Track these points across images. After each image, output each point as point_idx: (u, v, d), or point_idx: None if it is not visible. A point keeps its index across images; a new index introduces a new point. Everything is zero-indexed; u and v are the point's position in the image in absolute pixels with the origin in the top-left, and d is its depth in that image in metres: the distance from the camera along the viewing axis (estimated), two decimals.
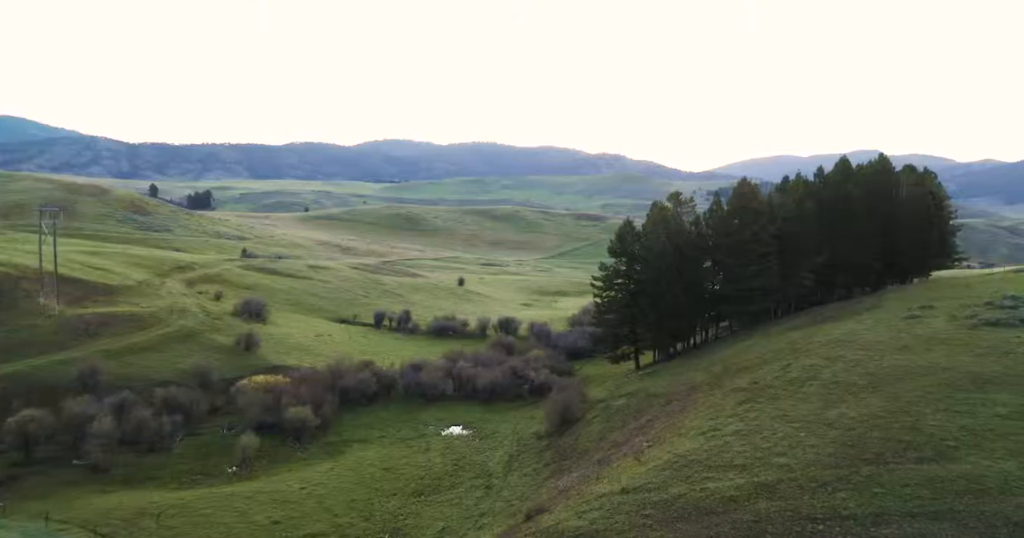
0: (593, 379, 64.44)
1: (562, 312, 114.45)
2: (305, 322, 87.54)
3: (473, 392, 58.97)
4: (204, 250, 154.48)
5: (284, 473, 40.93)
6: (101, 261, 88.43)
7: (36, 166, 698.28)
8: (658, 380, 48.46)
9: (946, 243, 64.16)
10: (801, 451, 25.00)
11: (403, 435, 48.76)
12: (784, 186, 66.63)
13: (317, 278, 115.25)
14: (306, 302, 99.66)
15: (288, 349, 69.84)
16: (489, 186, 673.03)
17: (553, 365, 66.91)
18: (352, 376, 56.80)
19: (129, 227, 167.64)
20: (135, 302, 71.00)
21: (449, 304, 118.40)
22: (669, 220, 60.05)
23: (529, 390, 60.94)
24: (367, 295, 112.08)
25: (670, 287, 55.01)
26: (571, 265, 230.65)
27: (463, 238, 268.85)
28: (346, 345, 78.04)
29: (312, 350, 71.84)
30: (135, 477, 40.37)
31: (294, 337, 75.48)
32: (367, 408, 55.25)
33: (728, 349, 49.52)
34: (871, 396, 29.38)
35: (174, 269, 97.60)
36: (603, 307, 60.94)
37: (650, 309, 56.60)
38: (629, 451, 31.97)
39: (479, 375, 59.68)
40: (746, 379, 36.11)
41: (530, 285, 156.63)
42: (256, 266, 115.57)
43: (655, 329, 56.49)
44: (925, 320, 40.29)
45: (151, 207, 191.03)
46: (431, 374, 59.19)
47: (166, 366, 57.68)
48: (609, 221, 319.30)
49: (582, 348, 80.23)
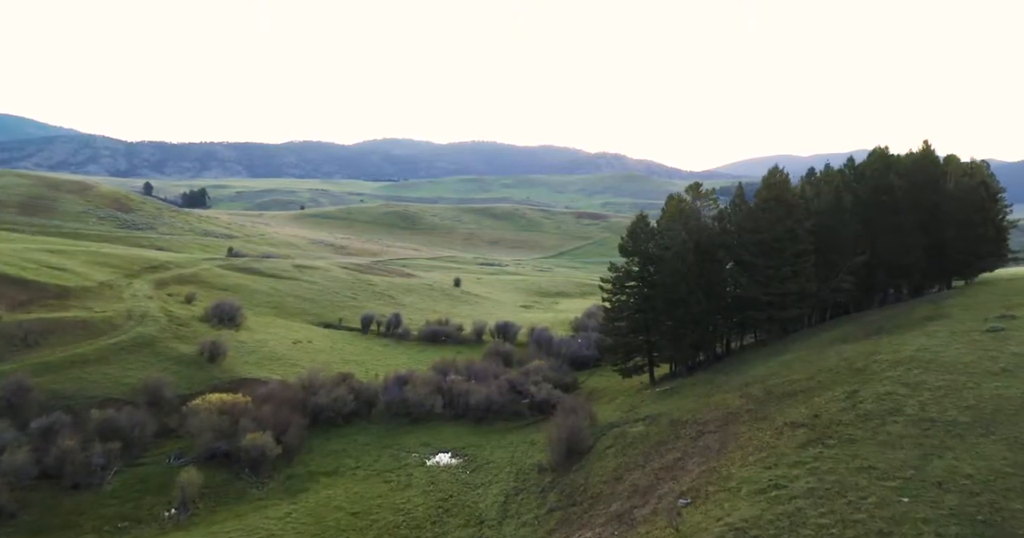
0: (602, 394, 57.15)
1: (564, 315, 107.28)
2: (285, 327, 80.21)
3: (465, 410, 51.65)
4: (188, 249, 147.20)
5: (230, 520, 33.48)
6: (62, 260, 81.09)
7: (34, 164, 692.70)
8: (682, 401, 41.18)
9: (1003, 240, 56.86)
10: (912, 529, 17.73)
11: (381, 465, 41.37)
12: (812, 178, 59.34)
13: (303, 278, 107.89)
14: (288, 305, 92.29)
15: (260, 359, 62.45)
16: (489, 185, 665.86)
17: (556, 377, 59.62)
18: (326, 392, 49.46)
19: (110, 225, 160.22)
20: (89, 306, 63.65)
21: (444, 306, 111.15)
22: (688, 215, 52.78)
23: (529, 407, 53.69)
24: (356, 297, 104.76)
25: (690, 290, 47.71)
26: (572, 265, 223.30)
27: (461, 237, 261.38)
28: (327, 353, 70.75)
29: (288, 359, 64.48)
30: (48, 525, 32.99)
31: (269, 344, 68.10)
32: (342, 431, 47.87)
33: (762, 365, 42.24)
34: (985, 441, 22.10)
35: (145, 269, 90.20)
36: (612, 313, 53.65)
37: (667, 315, 49.32)
38: (659, 507, 24.66)
39: (472, 390, 52.35)
40: (801, 410, 28.79)
41: (530, 286, 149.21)
42: (238, 266, 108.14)
43: (672, 338, 49.19)
44: (1013, 333, 33.03)
45: (136, 204, 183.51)
46: (418, 389, 51.85)
47: (113, 381, 50.33)
48: (611, 219, 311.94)
49: (587, 357, 73.00)
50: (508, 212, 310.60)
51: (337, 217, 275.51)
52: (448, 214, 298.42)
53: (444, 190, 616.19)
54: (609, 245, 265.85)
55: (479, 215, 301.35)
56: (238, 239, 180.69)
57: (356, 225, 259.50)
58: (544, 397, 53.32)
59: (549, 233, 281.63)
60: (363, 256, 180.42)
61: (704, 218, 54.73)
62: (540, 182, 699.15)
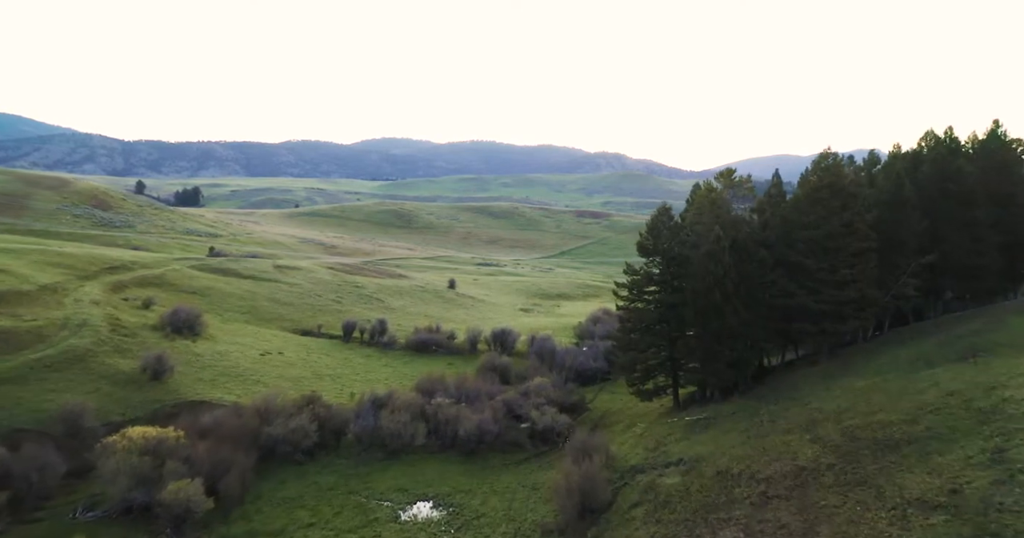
0: (615, 418, 48.43)
1: (566, 319, 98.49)
2: (255, 335, 71.46)
3: (453, 440, 42.92)
4: (166, 248, 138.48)
5: None
6: (7, 261, 72.21)
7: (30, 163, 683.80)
8: (723, 438, 32.43)
9: None
10: None
11: (342, 522, 32.57)
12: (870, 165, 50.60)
13: (283, 280, 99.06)
14: (263, 309, 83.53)
15: (217, 375, 53.70)
16: (488, 184, 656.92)
17: (560, 397, 50.98)
18: (284, 421, 40.68)
19: (85, 222, 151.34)
20: (19, 313, 54.86)
21: (436, 310, 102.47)
22: (720, 207, 44.04)
23: (530, 435, 45.03)
24: (340, 300, 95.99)
25: (726, 297, 38.96)
26: (573, 265, 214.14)
27: (458, 236, 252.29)
28: (299, 366, 62.09)
29: (251, 375, 55.79)
30: None
31: (231, 357, 59.37)
32: (301, 470, 39.07)
33: (824, 392, 33.52)
34: None
35: (104, 270, 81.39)
36: (629, 323, 44.86)
37: (697, 327, 40.63)
38: None
39: (462, 416, 43.61)
40: (923, 477, 20.07)
41: (529, 287, 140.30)
42: (212, 266, 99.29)
43: (704, 356, 40.42)
44: None
45: (116, 201, 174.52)
46: (397, 415, 43.07)
47: (26, 407, 41.62)
48: (613, 218, 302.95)
49: (595, 370, 64.51)
50: (507, 210, 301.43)
51: (330, 215, 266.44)
52: (445, 212, 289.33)
53: (442, 189, 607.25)
54: (611, 244, 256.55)
55: (477, 213, 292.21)
56: (223, 238, 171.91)
57: (349, 224, 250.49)
58: (548, 425, 44.63)
59: (549, 232, 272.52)
60: (355, 256, 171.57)
61: (738, 210, 46.01)
62: (539, 181, 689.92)
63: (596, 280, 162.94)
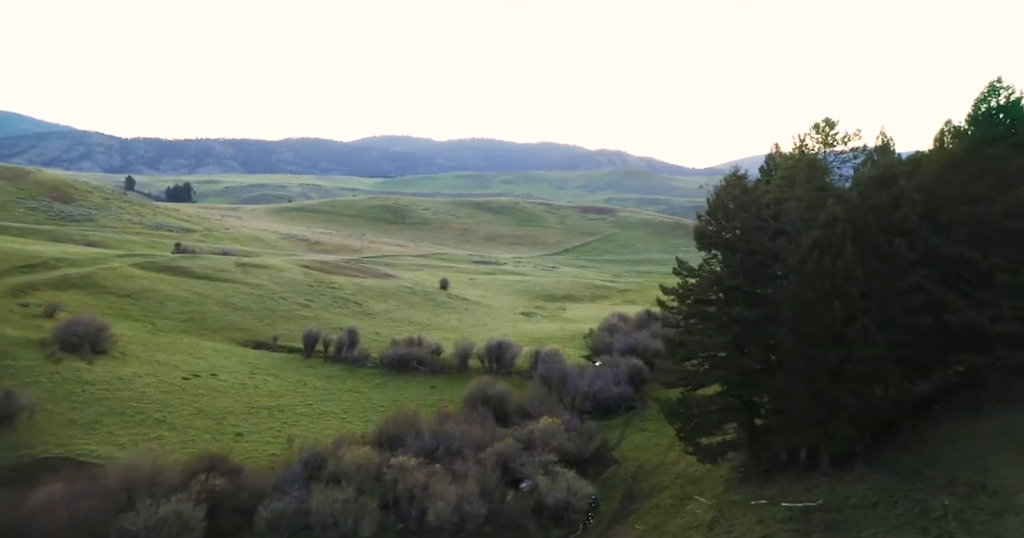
0: (658, 484, 33.82)
1: (574, 325, 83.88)
2: (191, 350, 56.93)
3: (419, 527, 28.33)
4: (126, 244, 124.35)
5: None
6: None
7: (27, 161, 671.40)
8: None
9: None
10: None
11: None
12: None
13: (244, 280, 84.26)
14: (212, 316, 68.88)
15: (102, 414, 39.01)
16: (488, 181, 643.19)
17: (576, 447, 36.53)
18: (153, 505, 26.00)
19: (41, 215, 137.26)
20: None
21: (425, 315, 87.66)
22: (819, 172, 29.36)
23: (535, 512, 30.56)
24: (310, 304, 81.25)
25: (851, 315, 24.36)
26: (578, 263, 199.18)
27: (455, 232, 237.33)
28: (231, 394, 47.56)
29: (155, 412, 41.19)
30: None
31: (138, 384, 44.82)
32: None
33: None
34: None
35: (14, 269, 67.13)
36: (683, 349, 30.19)
37: (797, 360, 25.99)
38: None
39: (434, 490, 28.95)
40: None
41: (531, 287, 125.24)
42: (159, 264, 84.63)
43: (814, 406, 25.76)
44: None
45: (79, 193, 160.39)
46: (334, 491, 28.42)
47: None
48: (619, 214, 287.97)
49: (617, 397, 50.16)
50: (506, 206, 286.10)
51: (320, 210, 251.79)
52: (441, 208, 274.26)
53: (441, 186, 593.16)
54: (619, 241, 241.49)
55: (475, 209, 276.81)
56: (196, 233, 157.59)
57: (339, 219, 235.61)
58: (561, 499, 30.00)
59: (552, 228, 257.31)
60: (339, 253, 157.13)
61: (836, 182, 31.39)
62: (540, 178, 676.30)
63: (604, 280, 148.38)
